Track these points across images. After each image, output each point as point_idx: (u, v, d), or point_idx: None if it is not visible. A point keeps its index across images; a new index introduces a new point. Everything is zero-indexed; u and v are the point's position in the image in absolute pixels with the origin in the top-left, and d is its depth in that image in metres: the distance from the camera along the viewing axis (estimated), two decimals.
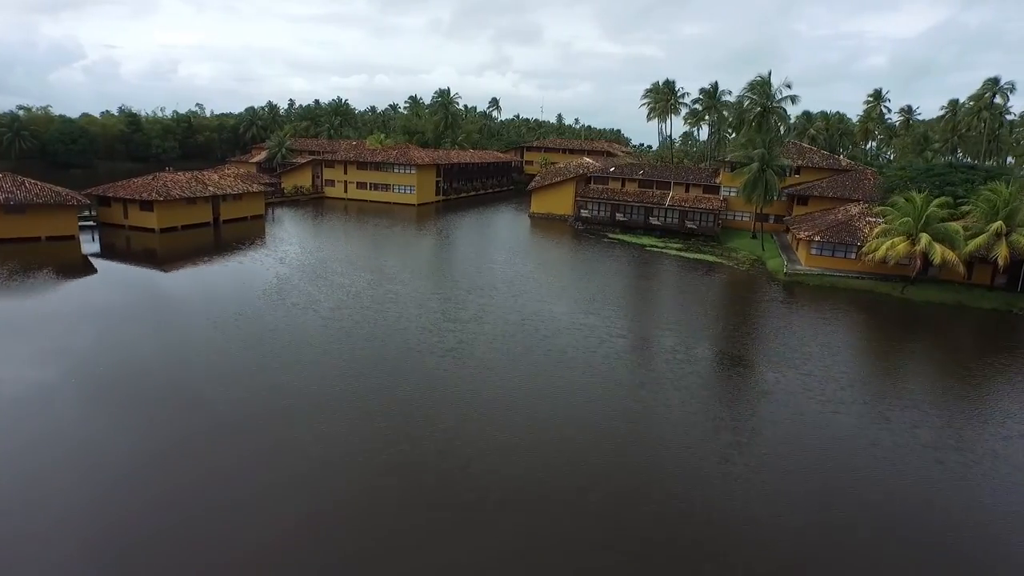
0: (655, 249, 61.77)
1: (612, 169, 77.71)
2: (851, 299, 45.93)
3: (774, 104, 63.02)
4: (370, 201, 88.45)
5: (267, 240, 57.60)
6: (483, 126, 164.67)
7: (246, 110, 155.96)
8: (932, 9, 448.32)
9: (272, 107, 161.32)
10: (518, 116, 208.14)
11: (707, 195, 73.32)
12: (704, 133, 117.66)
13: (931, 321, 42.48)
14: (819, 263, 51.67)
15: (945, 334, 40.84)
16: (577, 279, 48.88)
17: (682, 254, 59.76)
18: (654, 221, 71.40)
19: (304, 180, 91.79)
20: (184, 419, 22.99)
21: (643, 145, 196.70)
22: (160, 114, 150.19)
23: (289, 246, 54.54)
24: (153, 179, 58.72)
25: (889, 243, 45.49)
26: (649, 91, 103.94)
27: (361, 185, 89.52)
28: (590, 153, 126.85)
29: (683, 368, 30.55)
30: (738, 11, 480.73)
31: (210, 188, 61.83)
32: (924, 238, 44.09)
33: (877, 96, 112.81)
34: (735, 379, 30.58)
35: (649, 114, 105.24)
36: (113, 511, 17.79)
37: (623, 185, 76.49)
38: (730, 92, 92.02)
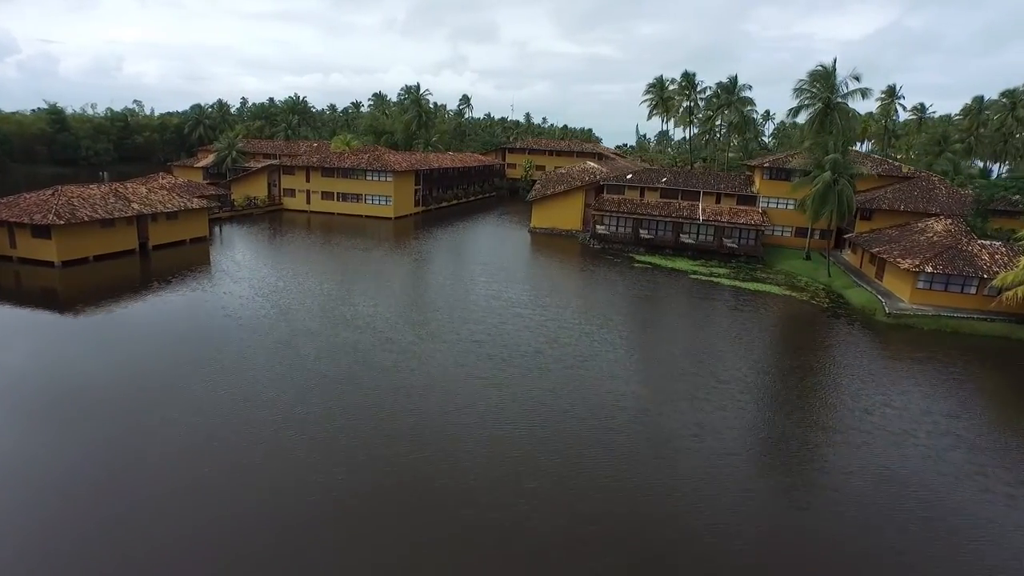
0: (700, 277, 50.06)
1: (630, 176, 65.87)
2: (993, 350, 35.02)
3: (839, 99, 51.97)
4: (338, 214, 74.76)
5: (210, 272, 43.87)
6: (457, 124, 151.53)
7: (192, 108, 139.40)
8: (877, 13, 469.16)
9: (222, 104, 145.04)
10: (490, 115, 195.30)
11: (743, 207, 62.17)
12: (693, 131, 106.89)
13: None
14: (929, 299, 40.67)
15: None
16: (636, 331, 36.70)
17: (737, 284, 48.18)
18: (686, 239, 59.81)
19: (258, 189, 77.45)
20: None
21: (626, 145, 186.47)
22: (91, 111, 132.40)
23: (237, 284, 40.95)
24: (53, 194, 44.28)
25: None
26: (652, 86, 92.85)
27: (327, 195, 75.69)
28: (579, 155, 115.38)
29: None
30: (692, 12, 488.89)
31: (134, 205, 47.66)
32: None
33: (891, 93, 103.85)
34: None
35: (652, 111, 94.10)
36: None
37: (642, 195, 64.79)
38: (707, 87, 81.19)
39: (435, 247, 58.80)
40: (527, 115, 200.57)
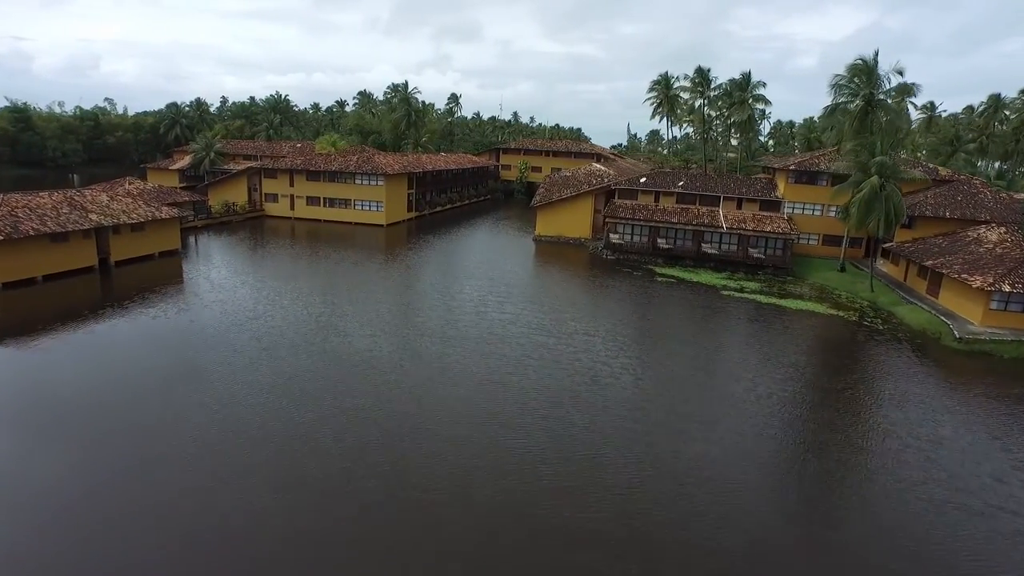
0: (732, 293, 45.02)
1: (644, 180, 60.73)
2: None
3: (881, 95, 47.13)
4: (325, 221, 68.91)
5: (180, 293, 38.02)
6: (447, 123, 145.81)
7: (167, 106, 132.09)
8: (857, 13, 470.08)
9: (200, 103, 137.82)
10: (479, 115, 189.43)
11: (767, 213, 57.35)
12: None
13: None
14: (1005, 322, 35.89)
15: None
16: (682, 365, 31.46)
17: (775, 301, 43.18)
18: (708, 249, 54.77)
19: (238, 194, 71.33)
20: None
21: (621, 145, 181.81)
22: (59, 110, 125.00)
23: (208, 309, 35.18)
24: None
25: None
26: (657, 83, 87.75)
27: (313, 200, 69.79)
28: (576, 156, 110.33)
29: None
30: (674, 12, 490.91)
31: (92, 216, 41.64)
32: None
33: (904, 91, 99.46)
34: None
35: (657, 109, 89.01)
36: None
37: (656, 200, 59.71)
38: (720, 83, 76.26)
39: (434, 259, 53.24)
40: (515, 114, 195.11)
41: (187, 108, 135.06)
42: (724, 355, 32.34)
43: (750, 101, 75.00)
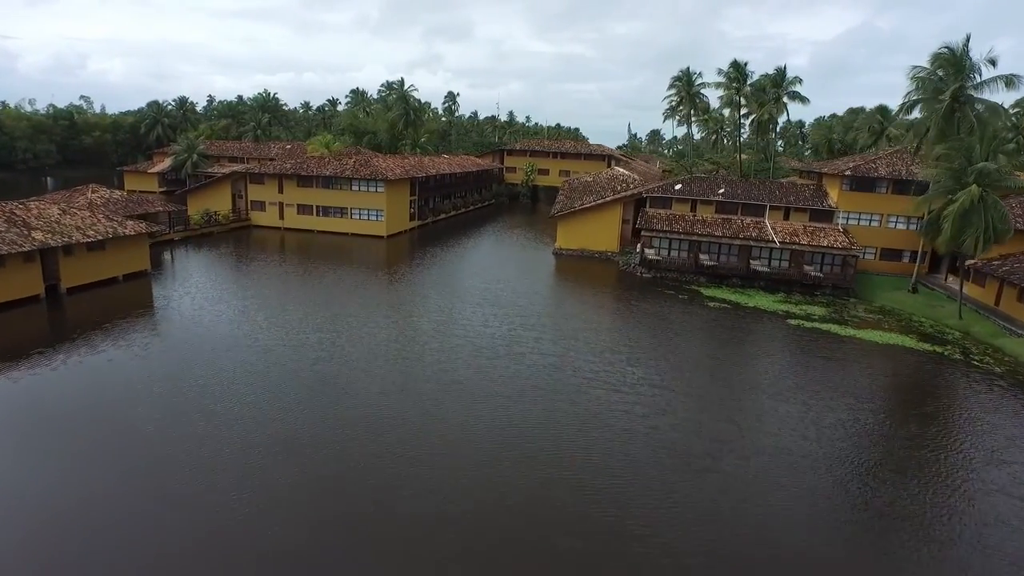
0: (799, 322, 38.29)
1: (679, 187, 53.93)
2: None
3: (971, 89, 40.52)
4: (319, 232, 61.75)
5: (144, 329, 30.83)
6: (448, 123, 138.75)
7: (148, 105, 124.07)
8: (848, 13, 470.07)
9: (183, 101, 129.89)
10: (476, 114, 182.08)
11: (819, 225, 50.80)
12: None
13: None
14: None
15: None
16: (793, 441, 24.63)
17: (855, 333, 36.44)
18: (757, 266, 48.07)
19: (220, 201, 63.97)
20: None
21: (625, 146, 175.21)
22: (30, 108, 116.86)
23: (170, 353, 28.07)
24: None
25: None
26: (678, 79, 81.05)
27: (304, 209, 62.58)
28: (586, 158, 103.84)
29: None
30: (666, 11, 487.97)
31: (36, 234, 34.35)
32: None
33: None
34: None
35: (677, 107, 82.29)
36: None
37: (693, 210, 53.02)
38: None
39: (446, 280, 46.19)
40: (511, 114, 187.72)
41: (170, 107, 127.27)
42: (831, 414, 25.43)
43: (784, 99, 68.35)
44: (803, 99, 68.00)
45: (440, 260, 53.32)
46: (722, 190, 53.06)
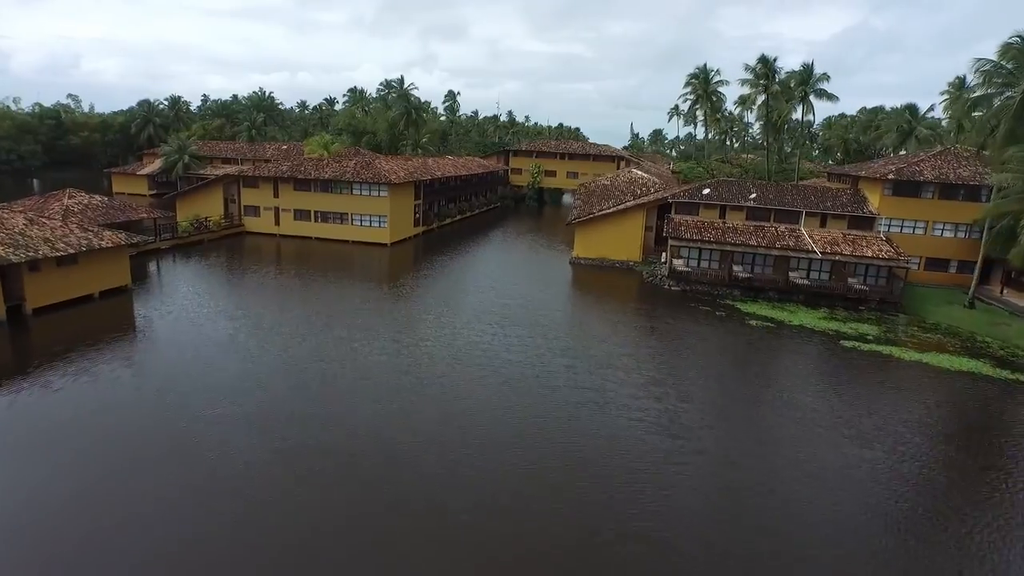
0: (854, 344, 34.34)
1: (707, 192, 49.98)
2: None
3: None
4: (318, 239, 57.64)
5: (118, 359, 26.75)
6: (450, 123, 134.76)
7: (139, 103, 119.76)
8: (844, 13, 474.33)
9: (175, 100, 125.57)
10: (476, 113, 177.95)
11: (859, 232, 46.92)
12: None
13: None
14: None
15: None
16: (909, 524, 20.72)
17: (919, 357, 32.54)
18: (796, 278, 44.16)
19: (212, 206, 59.78)
20: None
21: (627, 146, 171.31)
22: (14, 107, 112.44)
23: (145, 394, 24.01)
24: None
25: None
26: (695, 76, 77.30)
27: (302, 215, 58.46)
28: (595, 159, 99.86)
29: None
30: (662, 11, 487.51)
31: None
32: None
33: (961, 86, 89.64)
34: None
35: (693, 106, 78.54)
36: None
37: (722, 216, 49.10)
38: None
39: (458, 295, 42.09)
40: (511, 113, 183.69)
41: (162, 106, 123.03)
42: (924, 469, 21.48)
43: (811, 97, 64.59)
44: (831, 96, 64.30)
45: (449, 271, 49.28)
46: (754, 195, 49.15)
